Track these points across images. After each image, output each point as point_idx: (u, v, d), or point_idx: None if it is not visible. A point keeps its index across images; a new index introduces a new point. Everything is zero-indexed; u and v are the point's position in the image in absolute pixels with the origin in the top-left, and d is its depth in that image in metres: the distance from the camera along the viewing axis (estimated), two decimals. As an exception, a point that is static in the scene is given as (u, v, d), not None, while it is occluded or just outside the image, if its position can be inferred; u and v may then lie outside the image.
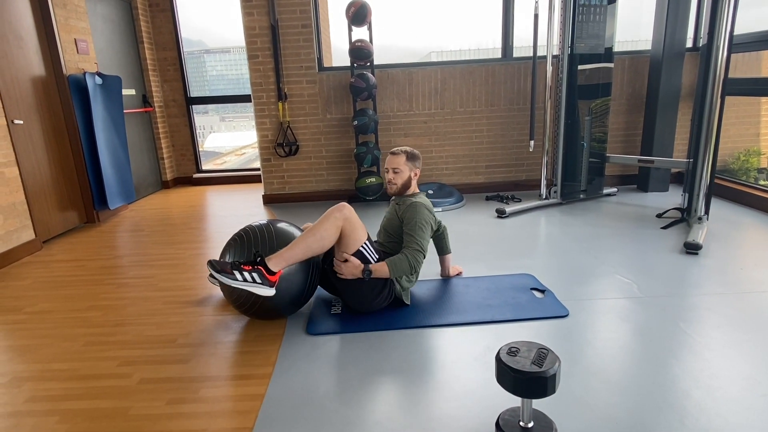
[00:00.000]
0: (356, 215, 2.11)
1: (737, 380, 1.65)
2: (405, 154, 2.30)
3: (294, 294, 2.10)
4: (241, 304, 2.08)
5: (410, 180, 2.33)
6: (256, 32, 4.21)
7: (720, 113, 3.02)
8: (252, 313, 2.12)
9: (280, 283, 2.01)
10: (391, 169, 2.30)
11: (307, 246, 2.02)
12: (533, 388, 1.28)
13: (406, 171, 2.30)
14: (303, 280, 2.11)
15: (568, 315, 2.15)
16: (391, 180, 2.31)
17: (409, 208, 2.23)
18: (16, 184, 3.31)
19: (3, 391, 1.80)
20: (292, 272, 2.06)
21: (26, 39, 3.51)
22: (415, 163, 2.33)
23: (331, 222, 2.04)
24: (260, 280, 1.90)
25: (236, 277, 1.88)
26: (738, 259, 2.69)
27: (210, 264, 1.89)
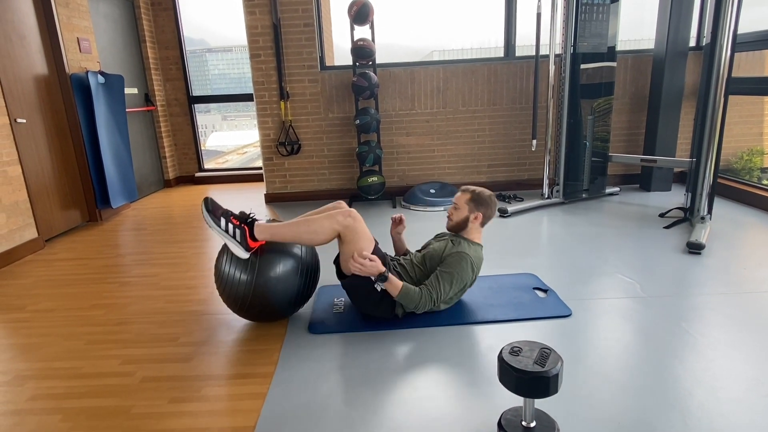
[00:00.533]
0: (363, 226, 2.02)
1: (740, 380, 1.65)
2: (471, 194, 2.17)
3: (291, 295, 2.08)
4: (234, 302, 2.06)
5: (467, 221, 2.18)
6: (258, 31, 4.21)
7: (723, 112, 3.01)
8: (248, 314, 2.11)
9: (278, 284, 2.00)
10: (453, 204, 2.22)
11: (298, 234, 2.00)
12: (535, 388, 1.28)
13: (464, 211, 2.17)
14: (299, 282, 2.09)
15: (571, 315, 2.14)
16: (450, 214, 2.22)
17: (455, 256, 2.07)
18: (19, 183, 3.32)
19: (6, 390, 1.81)
20: (289, 273, 2.04)
21: (29, 38, 3.52)
22: (479, 207, 2.17)
23: (329, 224, 1.99)
24: (240, 239, 1.92)
25: (220, 223, 1.92)
26: (741, 259, 2.69)
27: (205, 200, 1.93)
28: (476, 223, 2.19)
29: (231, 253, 2.02)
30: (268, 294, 2.01)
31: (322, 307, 2.33)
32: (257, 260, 2.00)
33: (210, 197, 2.00)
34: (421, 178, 4.57)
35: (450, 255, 2.09)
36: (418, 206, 4.10)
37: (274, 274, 2.00)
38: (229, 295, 2.05)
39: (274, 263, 2.01)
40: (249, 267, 1.99)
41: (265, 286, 1.99)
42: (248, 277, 1.98)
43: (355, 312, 2.24)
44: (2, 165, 3.18)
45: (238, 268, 1.99)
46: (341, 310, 2.28)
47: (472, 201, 2.18)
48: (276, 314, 2.13)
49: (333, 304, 2.35)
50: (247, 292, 2.00)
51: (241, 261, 1.99)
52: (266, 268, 1.99)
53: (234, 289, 2.01)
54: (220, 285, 2.07)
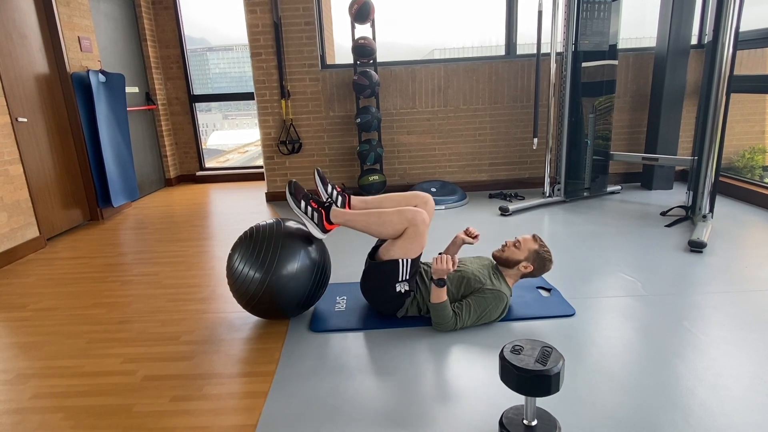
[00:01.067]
0: (426, 226, 2.01)
1: (742, 379, 1.64)
2: (538, 246, 2.13)
3: (301, 294, 2.08)
4: (243, 295, 2.05)
5: (517, 265, 2.13)
6: (259, 30, 4.21)
7: (725, 110, 3.00)
8: (256, 310, 2.11)
9: (288, 282, 2.01)
10: (516, 241, 2.16)
11: (368, 225, 2.06)
12: (537, 387, 1.28)
13: (523, 254, 2.12)
14: (307, 281, 2.08)
15: (575, 314, 2.14)
16: (506, 247, 2.16)
17: (496, 294, 2.03)
18: (20, 182, 3.32)
19: (8, 388, 1.81)
20: (300, 273, 2.04)
21: (30, 37, 3.52)
22: (536, 263, 2.13)
23: (400, 219, 2.00)
24: (316, 220, 2.07)
25: (300, 205, 2.07)
26: (743, 258, 2.68)
27: (289, 183, 2.10)
28: (522, 272, 2.15)
29: (242, 252, 2.04)
30: (279, 293, 2.02)
31: (324, 305, 2.33)
32: (270, 259, 2.01)
33: (294, 180, 2.13)
34: (422, 176, 4.57)
35: (491, 291, 2.04)
36: (419, 205, 4.10)
37: (286, 273, 2.01)
38: (240, 291, 2.05)
39: (287, 263, 2.02)
40: (262, 265, 2.00)
41: (276, 285, 2.00)
42: (261, 275, 1.99)
43: (356, 310, 2.24)
44: (3, 164, 3.18)
45: (252, 266, 2.01)
46: (342, 309, 2.28)
47: (536, 253, 2.13)
48: (283, 313, 2.13)
49: (335, 302, 2.35)
50: (259, 290, 2.01)
51: (253, 259, 2.01)
52: (279, 268, 2.00)
53: (245, 286, 2.02)
54: (231, 280, 2.07)
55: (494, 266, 2.20)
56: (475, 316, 2.02)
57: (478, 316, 2.02)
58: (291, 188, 2.09)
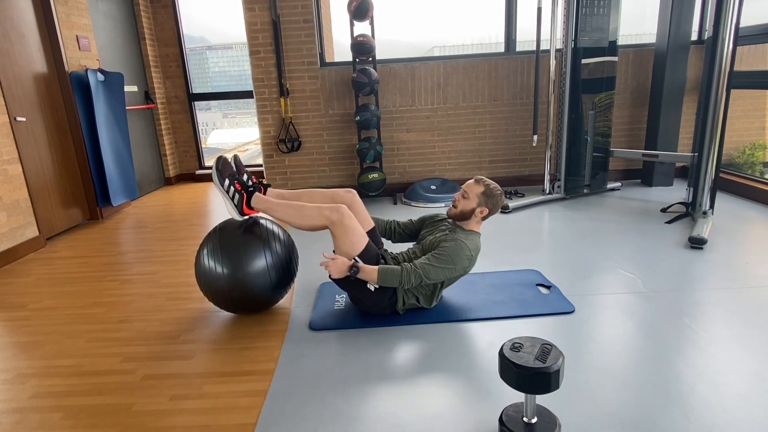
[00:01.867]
0: (351, 222, 2.00)
1: (743, 375, 1.64)
2: (484, 188, 2.12)
3: (268, 283, 2.11)
4: (215, 295, 2.10)
5: (472, 213, 2.13)
6: (258, 28, 4.20)
7: (725, 106, 2.99)
8: (231, 307, 2.15)
9: (257, 278, 2.04)
10: (463, 192, 2.16)
11: (288, 216, 2.09)
12: (536, 384, 1.27)
13: (473, 202, 2.12)
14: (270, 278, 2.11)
15: (574, 311, 2.14)
16: (456, 201, 2.16)
17: (452, 242, 2.04)
18: (20, 182, 3.32)
19: (8, 388, 1.81)
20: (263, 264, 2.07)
21: (28, 36, 3.51)
22: (489, 201, 2.12)
23: (318, 216, 2.02)
24: (236, 202, 2.09)
25: (224, 183, 2.08)
26: (743, 254, 2.67)
27: (218, 158, 2.08)
28: (480, 217, 2.15)
29: (208, 249, 2.08)
30: (246, 284, 2.05)
31: (323, 304, 2.32)
32: (230, 254, 2.04)
33: (225, 156, 2.13)
34: (422, 174, 4.56)
35: (445, 241, 2.06)
36: (418, 202, 4.10)
37: (249, 267, 2.04)
38: (210, 289, 2.09)
39: (248, 255, 2.05)
40: (226, 260, 2.03)
41: (241, 278, 2.04)
42: (227, 271, 2.03)
43: (355, 309, 2.24)
44: (3, 163, 3.18)
45: (218, 262, 2.04)
46: (342, 307, 2.28)
47: (483, 194, 2.12)
48: (261, 303, 2.16)
49: (334, 300, 2.35)
50: (227, 285, 2.04)
51: (219, 255, 2.04)
52: (241, 261, 2.04)
53: (214, 283, 2.06)
54: (200, 280, 2.11)
55: (451, 226, 2.19)
56: (437, 265, 1.99)
57: (439, 268, 1.99)
58: (219, 164, 2.08)
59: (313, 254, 2.98)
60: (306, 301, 2.37)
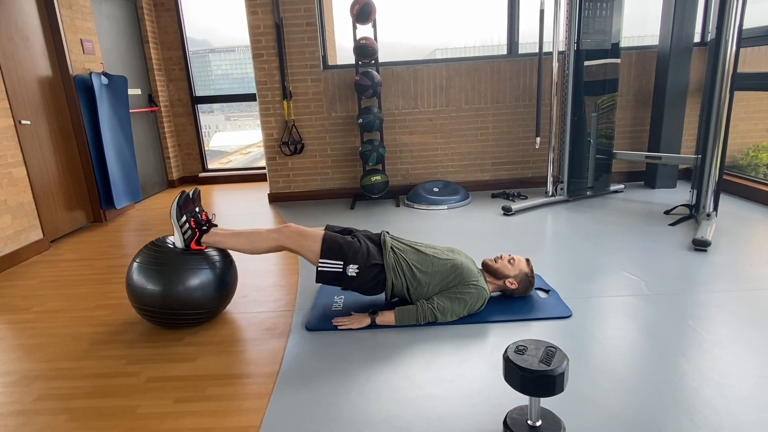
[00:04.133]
0: (299, 230, 2.08)
1: (748, 378, 1.63)
2: (529, 270, 2.22)
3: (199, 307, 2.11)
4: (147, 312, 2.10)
5: (504, 279, 2.20)
6: (261, 31, 4.21)
7: (729, 108, 2.98)
8: (150, 319, 2.14)
9: (193, 292, 2.06)
10: (511, 258, 2.23)
11: (237, 245, 2.15)
12: (541, 387, 1.27)
13: (513, 272, 2.20)
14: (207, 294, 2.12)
15: (571, 316, 2.13)
16: (501, 259, 2.23)
17: (477, 290, 2.10)
18: (24, 184, 3.33)
19: (12, 390, 1.82)
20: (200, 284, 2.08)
21: (33, 40, 3.53)
22: (522, 282, 2.21)
23: (268, 239, 2.11)
24: (187, 237, 2.13)
25: (180, 218, 2.12)
26: (747, 256, 2.67)
27: (181, 193, 2.13)
28: (505, 286, 2.23)
29: (137, 265, 2.11)
30: (181, 302, 2.06)
31: (321, 305, 2.32)
32: (167, 272, 2.05)
33: (187, 193, 2.16)
34: (425, 176, 4.56)
35: (475, 286, 2.11)
36: (421, 205, 4.10)
37: (184, 287, 2.05)
38: (142, 305, 2.09)
39: (184, 277, 2.06)
40: (159, 278, 2.04)
41: (177, 296, 2.05)
42: (159, 288, 2.04)
43: (354, 309, 2.24)
44: (7, 166, 3.20)
45: (149, 281, 2.05)
46: (340, 308, 2.28)
47: (525, 276, 2.21)
48: (203, 315, 2.16)
49: (332, 302, 2.35)
50: (159, 302, 2.05)
51: (151, 273, 2.06)
52: (177, 281, 2.05)
53: (146, 300, 2.06)
54: (131, 295, 2.11)
55: (480, 269, 2.27)
56: (455, 306, 2.07)
57: (457, 307, 2.07)
58: (180, 200, 2.12)
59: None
60: (309, 303, 2.38)
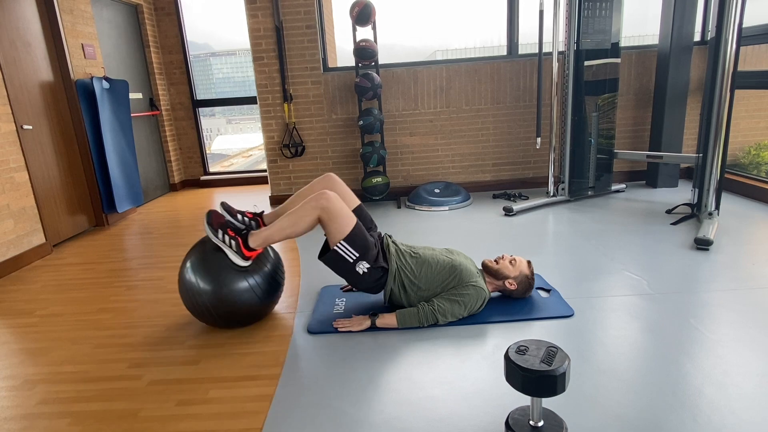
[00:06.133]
0: (338, 205, 2.01)
1: (751, 377, 1.63)
2: (530, 273, 2.21)
3: (255, 300, 2.10)
4: (197, 310, 2.09)
5: (504, 279, 2.20)
6: (261, 34, 4.23)
7: (729, 107, 2.98)
8: (215, 321, 2.13)
9: (242, 295, 2.03)
10: (512, 259, 2.22)
11: (284, 233, 2.06)
12: (543, 387, 1.27)
13: (513, 273, 2.19)
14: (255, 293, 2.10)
15: (573, 315, 2.13)
16: (502, 259, 2.23)
17: (476, 290, 2.10)
18: (26, 189, 3.35)
19: (15, 394, 1.82)
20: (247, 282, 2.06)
21: (34, 45, 3.55)
22: (522, 284, 2.20)
23: (306, 211, 2.01)
24: (236, 249, 2.03)
25: (218, 234, 2.03)
26: (750, 255, 2.66)
27: (208, 213, 2.06)
28: (504, 286, 2.22)
29: (191, 264, 2.07)
30: (230, 302, 2.04)
31: (322, 308, 2.33)
32: (219, 272, 2.03)
33: (213, 210, 2.10)
34: (426, 178, 4.57)
35: (473, 287, 2.11)
36: (422, 206, 4.10)
37: (235, 286, 2.03)
38: (193, 305, 2.07)
39: (233, 274, 2.04)
40: (210, 277, 2.02)
41: (227, 296, 2.03)
42: (210, 287, 2.02)
43: (355, 312, 2.24)
44: (9, 171, 3.21)
45: (201, 278, 2.03)
46: (341, 311, 2.28)
47: (525, 277, 2.21)
48: (250, 317, 2.15)
49: (333, 304, 2.35)
50: (211, 301, 2.03)
51: (203, 271, 2.03)
52: (227, 280, 2.03)
53: (198, 298, 2.05)
54: (184, 294, 2.09)
55: (480, 269, 2.27)
56: (456, 307, 2.07)
57: (457, 308, 2.07)
58: (208, 218, 2.06)
59: (314, 256, 2.98)
60: (310, 306, 2.38)
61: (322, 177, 2.30)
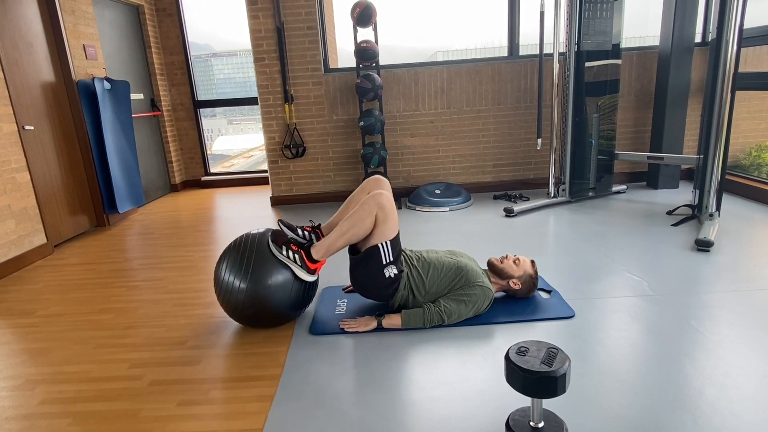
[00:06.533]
0: (392, 205, 2.03)
1: (752, 378, 1.63)
2: (534, 273, 2.22)
3: (288, 301, 2.08)
4: (232, 308, 2.07)
5: (508, 278, 2.21)
6: (262, 35, 4.23)
7: (730, 108, 2.98)
8: (247, 320, 2.12)
9: (275, 293, 2.01)
10: (516, 259, 2.23)
11: (347, 238, 2.05)
12: (543, 388, 1.27)
13: (518, 273, 2.20)
14: (298, 288, 2.09)
15: (574, 316, 2.13)
16: (506, 258, 2.24)
17: (482, 290, 2.11)
18: (28, 189, 3.35)
19: (17, 394, 1.82)
20: (285, 281, 2.04)
21: (36, 46, 3.55)
22: (526, 283, 2.21)
23: (367, 211, 2.00)
24: (300, 263, 2.05)
25: (282, 251, 2.04)
26: (750, 256, 2.66)
27: (272, 233, 2.10)
28: (508, 286, 2.23)
29: (228, 261, 2.05)
30: (265, 301, 2.02)
31: (324, 308, 2.33)
32: (252, 269, 2.01)
33: (276, 229, 2.14)
34: (426, 178, 4.57)
35: (480, 287, 2.11)
36: (423, 207, 4.10)
37: (270, 282, 2.01)
38: (228, 302, 2.06)
39: (270, 272, 2.02)
40: (246, 275, 2.00)
41: (261, 294, 2.01)
42: (246, 285, 2.00)
43: (357, 313, 2.24)
44: (11, 172, 3.21)
45: (236, 276, 2.01)
46: (343, 312, 2.28)
47: (529, 277, 2.22)
48: (276, 320, 2.14)
49: (335, 305, 2.35)
50: (245, 299, 2.02)
51: (237, 268, 2.01)
52: (262, 277, 2.01)
53: (233, 296, 2.03)
54: (219, 292, 2.08)
55: (484, 269, 2.28)
56: (461, 307, 2.07)
57: (464, 308, 2.08)
58: (273, 237, 2.07)
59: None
60: (312, 307, 2.38)
61: (372, 179, 2.28)
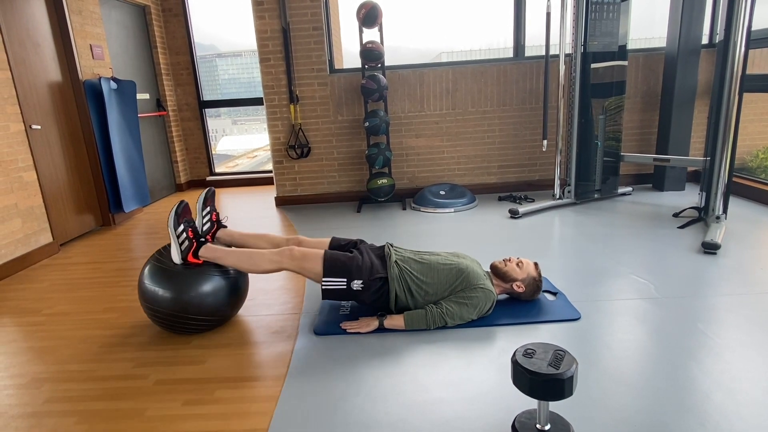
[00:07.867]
0: (304, 253, 2.06)
1: (759, 382, 1.61)
2: (537, 275, 2.20)
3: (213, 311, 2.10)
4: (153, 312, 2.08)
5: (512, 282, 2.19)
6: (268, 35, 4.24)
7: (738, 110, 2.96)
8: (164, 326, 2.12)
9: (205, 298, 2.04)
10: (519, 261, 2.22)
11: (239, 263, 2.11)
12: (550, 390, 1.27)
13: (521, 275, 2.18)
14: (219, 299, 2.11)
15: (580, 318, 2.12)
16: (509, 261, 2.22)
17: (485, 293, 2.09)
18: (34, 188, 3.37)
19: (23, 392, 1.83)
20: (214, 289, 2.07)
21: (43, 45, 3.57)
22: (530, 286, 2.19)
23: (270, 262, 2.07)
24: (184, 248, 2.07)
25: (178, 228, 2.07)
26: (758, 259, 2.64)
27: (180, 202, 2.12)
28: (512, 289, 2.21)
29: (150, 271, 2.08)
30: (192, 309, 2.04)
31: (328, 309, 2.32)
32: (181, 278, 2.04)
33: (186, 202, 2.17)
34: (431, 179, 4.56)
35: (481, 289, 2.10)
36: (428, 208, 4.09)
37: (196, 292, 2.04)
38: (153, 311, 2.07)
39: (197, 282, 2.05)
40: (172, 284, 2.03)
41: (188, 302, 2.03)
42: (171, 295, 2.02)
43: (361, 314, 2.24)
44: (18, 171, 3.23)
45: (161, 286, 2.03)
46: (347, 312, 2.28)
47: (533, 279, 2.19)
48: (208, 324, 2.15)
49: (339, 305, 2.35)
50: (172, 308, 2.04)
51: (165, 279, 2.04)
52: (190, 287, 2.03)
53: (158, 305, 2.04)
54: (143, 300, 2.09)
55: (487, 272, 2.26)
56: (464, 310, 2.07)
57: (466, 311, 2.07)
58: (179, 208, 2.10)
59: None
60: (315, 307, 2.38)
61: (291, 238, 2.34)
